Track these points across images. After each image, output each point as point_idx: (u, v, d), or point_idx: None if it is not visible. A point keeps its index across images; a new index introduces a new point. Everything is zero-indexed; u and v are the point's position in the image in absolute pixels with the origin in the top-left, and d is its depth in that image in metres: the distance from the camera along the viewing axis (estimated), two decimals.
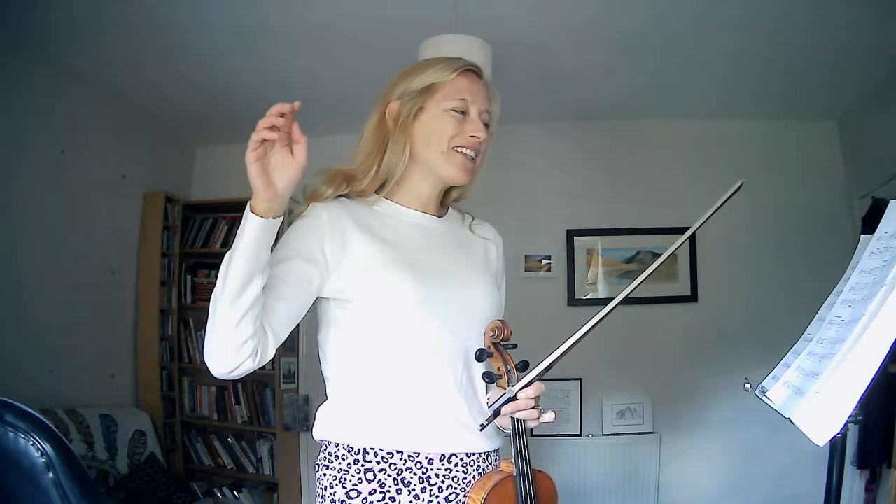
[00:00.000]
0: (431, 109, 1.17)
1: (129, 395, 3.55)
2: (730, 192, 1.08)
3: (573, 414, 3.61)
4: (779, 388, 1.08)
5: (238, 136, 4.55)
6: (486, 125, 1.20)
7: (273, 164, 0.98)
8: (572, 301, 3.74)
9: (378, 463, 1.09)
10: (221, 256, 1.05)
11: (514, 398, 1.06)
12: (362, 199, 1.20)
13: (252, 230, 0.99)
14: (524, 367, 1.09)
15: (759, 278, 3.62)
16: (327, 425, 1.14)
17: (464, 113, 1.17)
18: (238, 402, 3.78)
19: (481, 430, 1.10)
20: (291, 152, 0.98)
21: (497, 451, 1.21)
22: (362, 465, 1.09)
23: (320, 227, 1.12)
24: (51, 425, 1.28)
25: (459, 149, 1.16)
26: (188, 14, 2.65)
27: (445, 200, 1.30)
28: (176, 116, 3.79)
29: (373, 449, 1.09)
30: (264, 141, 0.95)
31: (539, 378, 1.06)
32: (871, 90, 3.29)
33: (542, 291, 3.75)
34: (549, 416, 1.12)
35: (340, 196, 1.19)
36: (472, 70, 1.20)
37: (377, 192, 1.21)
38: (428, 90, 1.17)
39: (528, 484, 1.08)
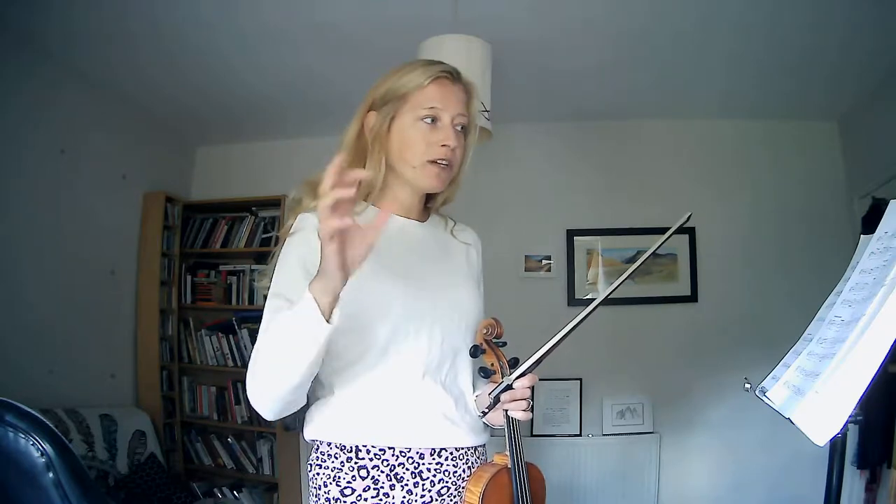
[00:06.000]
0: (403, 119, 1.18)
1: (129, 395, 3.55)
2: (679, 222, 1.16)
3: (573, 414, 3.61)
4: (779, 388, 1.08)
5: (238, 136, 4.57)
6: (464, 127, 1.20)
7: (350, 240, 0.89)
8: (572, 301, 3.74)
9: (371, 459, 1.11)
10: (221, 256, 1.04)
11: (510, 387, 1.12)
12: None
13: (320, 341, 0.92)
14: (514, 363, 1.16)
15: (759, 278, 3.62)
16: (318, 425, 1.15)
17: (435, 120, 1.17)
18: (238, 402, 3.78)
19: (482, 417, 1.19)
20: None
21: (484, 446, 1.25)
22: (355, 463, 1.11)
23: (312, 236, 1.11)
24: (51, 425, 1.28)
25: (432, 161, 1.17)
26: (188, 14, 2.65)
27: (430, 205, 1.31)
28: (176, 116, 3.79)
29: (365, 446, 1.12)
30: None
31: (531, 370, 1.13)
32: (871, 90, 3.29)
33: (542, 291, 3.75)
34: (528, 415, 1.17)
35: None
36: (446, 74, 1.19)
37: (364, 199, 1.22)
38: (400, 99, 1.17)
39: (523, 475, 1.13)
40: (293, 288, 1.03)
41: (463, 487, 1.16)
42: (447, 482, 1.15)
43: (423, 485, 1.13)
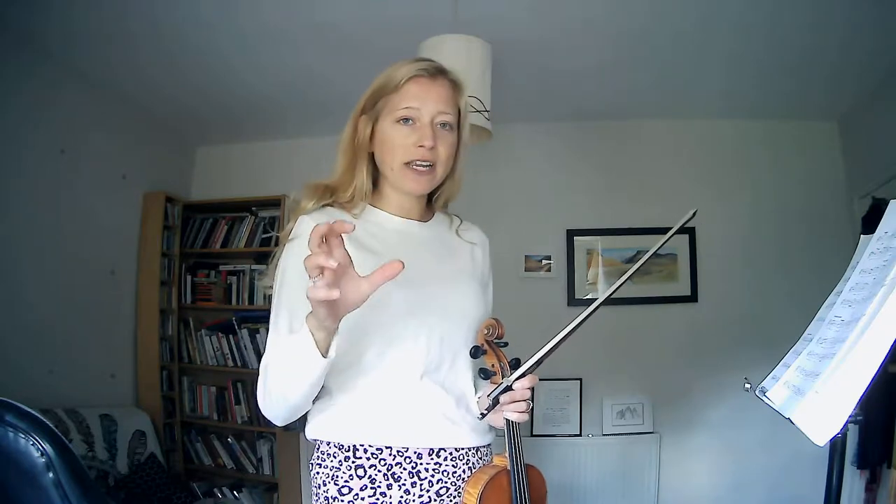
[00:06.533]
0: (384, 121, 1.17)
1: (129, 395, 3.55)
2: (684, 219, 1.15)
3: (573, 414, 3.61)
4: (779, 388, 1.08)
5: (238, 136, 4.57)
6: (448, 125, 1.17)
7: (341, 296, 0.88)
8: (572, 301, 3.74)
9: (368, 459, 1.12)
10: (221, 256, 1.05)
11: (510, 388, 1.11)
12: (348, 207, 1.20)
13: (316, 373, 0.97)
14: (516, 364, 1.14)
15: (759, 278, 3.62)
16: (318, 425, 1.16)
17: (413, 120, 1.15)
18: (238, 402, 3.78)
19: (481, 419, 1.17)
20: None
21: (488, 446, 1.24)
22: (353, 462, 1.12)
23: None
24: (51, 425, 1.27)
25: (411, 164, 1.16)
26: (188, 14, 2.65)
27: (433, 204, 1.31)
28: (176, 116, 3.79)
29: (362, 445, 1.12)
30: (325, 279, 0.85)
31: (531, 371, 1.11)
32: (871, 90, 3.29)
33: (542, 291, 3.75)
34: (523, 417, 1.15)
35: (326, 205, 1.20)
36: (422, 71, 1.16)
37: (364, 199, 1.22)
38: (382, 101, 1.17)
39: (522, 477, 1.13)
40: (297, 300, 1.05)
41: (463, 488, 1.16)
42: (446, 482, 1.15)
43: (422, 485, 1.13)
